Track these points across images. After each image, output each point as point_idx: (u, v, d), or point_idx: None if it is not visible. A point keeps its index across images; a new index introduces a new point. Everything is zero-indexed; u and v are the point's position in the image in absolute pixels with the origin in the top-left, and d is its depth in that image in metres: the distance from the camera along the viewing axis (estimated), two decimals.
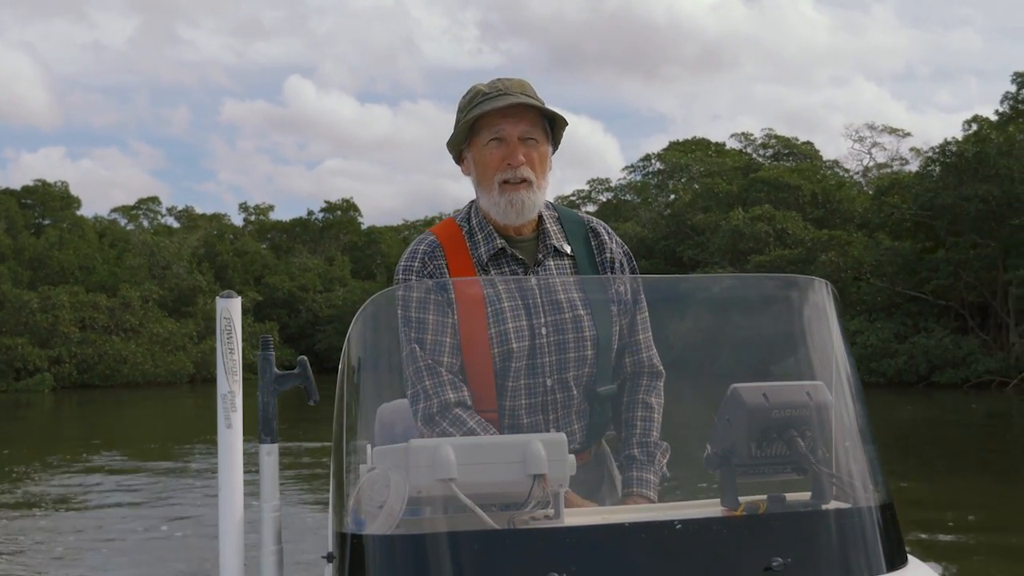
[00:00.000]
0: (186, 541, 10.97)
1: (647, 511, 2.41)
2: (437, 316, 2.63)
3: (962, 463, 16.84)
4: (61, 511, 13.28)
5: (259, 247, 70.56)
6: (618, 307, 2.75)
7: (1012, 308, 32.96)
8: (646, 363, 2.78)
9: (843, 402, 2.23)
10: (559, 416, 2.68)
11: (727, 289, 2.73)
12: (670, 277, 4.34)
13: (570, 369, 2.68)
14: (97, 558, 10.36)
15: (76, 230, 60.31)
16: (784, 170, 48.34)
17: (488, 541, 2.01)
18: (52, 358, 48.24)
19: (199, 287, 56.84)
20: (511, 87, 2.73)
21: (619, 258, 2.87)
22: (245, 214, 78.05)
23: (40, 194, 63.28)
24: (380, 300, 2.49)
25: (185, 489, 15.04)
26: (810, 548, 2.06)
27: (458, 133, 2.78)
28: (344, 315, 60.81)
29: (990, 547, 10.03)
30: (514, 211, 2.72)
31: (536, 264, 2.79)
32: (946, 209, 33.45)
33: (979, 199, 32.02)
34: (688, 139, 61.80)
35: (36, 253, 54.38)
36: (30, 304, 48.55)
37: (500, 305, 2.65)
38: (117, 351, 49.78)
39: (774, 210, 42.76)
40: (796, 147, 56.26)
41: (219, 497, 2.18)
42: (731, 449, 2.15)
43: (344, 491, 2.20)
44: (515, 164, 2.70)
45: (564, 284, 2.71)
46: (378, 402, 2.57)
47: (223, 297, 2.22)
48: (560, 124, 2.78)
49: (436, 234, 2.83)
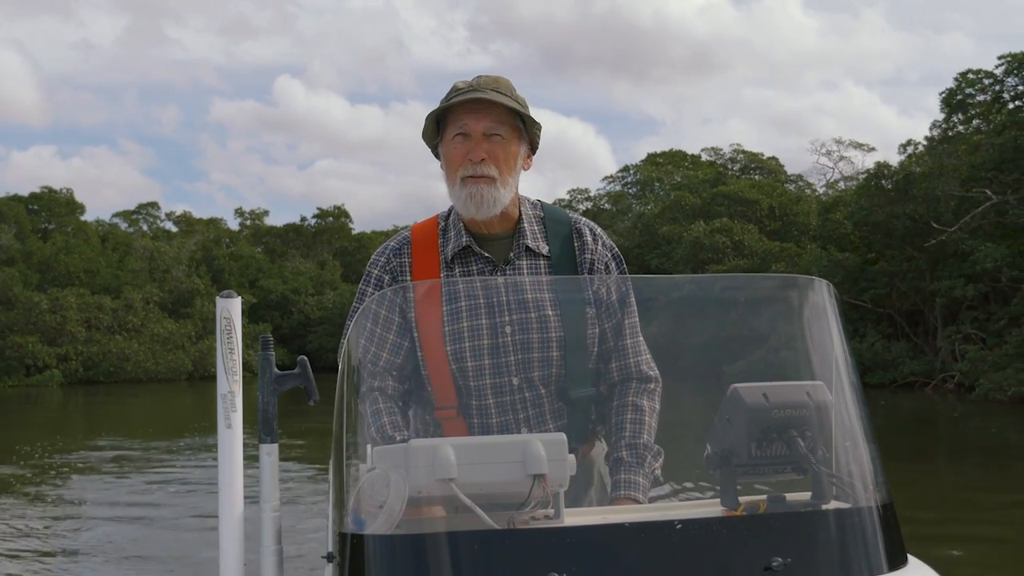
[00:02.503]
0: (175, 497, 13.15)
1: (647, 511, 2.26)
2: (386, 312, 2.50)
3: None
4: (69, 476, 15.23)
5: (254, 251, 70.41)
6: (598, 309, 2.56)
7: (939, 315, 33.46)
8: (634, 368, 2.57)
9: (843, 402, 2.08)
10: (530, 416, 2.51)
11: (727, 289, 2.56)
12: (669, 277, 4.17)
13: (535, 369, 2.50)
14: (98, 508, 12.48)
15: (80, 235, 60.21)
16: (744, 185, 48.50)
17: (488, 541, 1.87)
18: (60, 356, 48.79)
19: (197, 290, 57.38)
20: (483, 84, 2.57)
21: (603, 260, 2.68)
22: (241, 219, 77.66)
23: (46, 200, 62.85)
24: (379, 301, 2.37)
25: (174, 458, 17.44)
26: (810, 548, 1.92)
27: (426, 128, 2.63)
28: (334, 317, 60.88)
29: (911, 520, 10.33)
30: (473, 204, 2.55)
31: (506, 263, 2.62)
32: (879, 226, 34.00)
33: (907, 217, 32.55)
34: (666, 151, 61.76)
35: (44, 257, 54.55)
36: (40, 305, 49.07)
37: (457, 304, 2.50)
38: (120, 350, 50.35)
39: (732, 223, 42.95)
40: (761, 162, 56.50)
41: (219, 497, 2.03)
42: (731, 449, 2.00)
43: (344, 491, 2.05)
44: (475, 159, 2.54)
45: (534, 284, 2.54)
46: None
47: (223, 297, 2.06)
48: (530, 123, 2.61)
49: (413, 231, 2.70)
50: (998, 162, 27.70)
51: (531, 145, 2.66)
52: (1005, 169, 27.56)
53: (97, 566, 9.40)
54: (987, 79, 31.91)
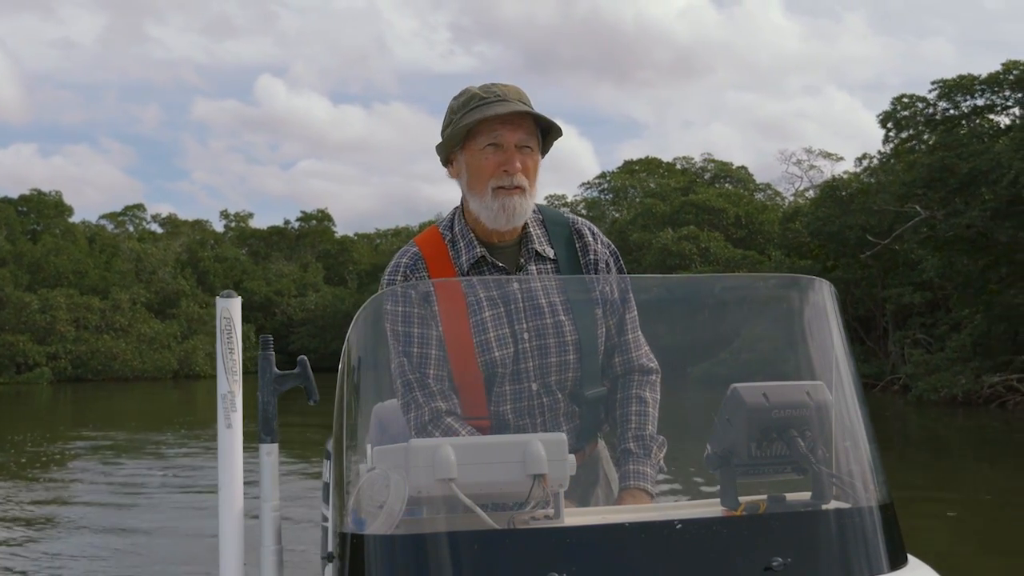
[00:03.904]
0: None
1: (647, 511, 2.18)
2: (422, 329, 2.38)
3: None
4: (59, 463, 15.97)
5: (239, 253, 70.10)
6: (604, 308, 2.49)
7: (890, 321, 33.88)
8: (636, 361, 2.51)
9: (843, 402, 2.01)
10: (546, 420, 2.42)
11: (727, 289, 2.48)
12: (668, 277, 4.10)
13: (552, 374, 2.42)
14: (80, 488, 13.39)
15: (68, 236, 59.73)
16: (712, 194, 48.64)
17: (488, 541, 1.80)
18: (50, 354, 48.87)
19: (183, 291, 57.43)
20: (508, 93, 2.48)
21: (604, 259, 2.62)
22: (226, 221, 77.00)
23: (35, 202, 62.13)
24: (379, 302, 2.28)
25: (157, 447, 18.21)
26: (810, 548, 1.85)
27: (454, 135, 2.50)
28: (316, 318, 60.79)
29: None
30: (505, 216, 2.47)
31: (518, 270, 2.54)
32: (833, 235, 34.39)
33: (859, 227, 32.93)
34: (642, 158, 61.53)
35: (34, 258, 54.38)
36: (30, 305, 49.12)
37: (482, 315, 2.41)
38: (108, 349, 50.44)
39: (699, 231, 43.14)
40: (731, 171, 56.66)
41: (219, 497, 1.94)
42: (731, 449, 1.92)
43: (344, 491, 1.96)
44: (512, 171, 2.45)
45: (545, 288, 2.46)
46: (376, 401, 2.33)
47: (223, 297, 1.98)
48: (555, 134, 2.53)
49: (419, 245, 2.58)
50: (928, 180, 28.45)
51: (543, 153, 2.58)
52: (934, 187, 28.34)
53: (84, 535, 9.94)
54: (920, 103, 32.61)
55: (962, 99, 31.39)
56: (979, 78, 30.51)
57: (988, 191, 26.80)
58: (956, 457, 17.21)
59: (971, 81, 30.70)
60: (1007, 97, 30.54)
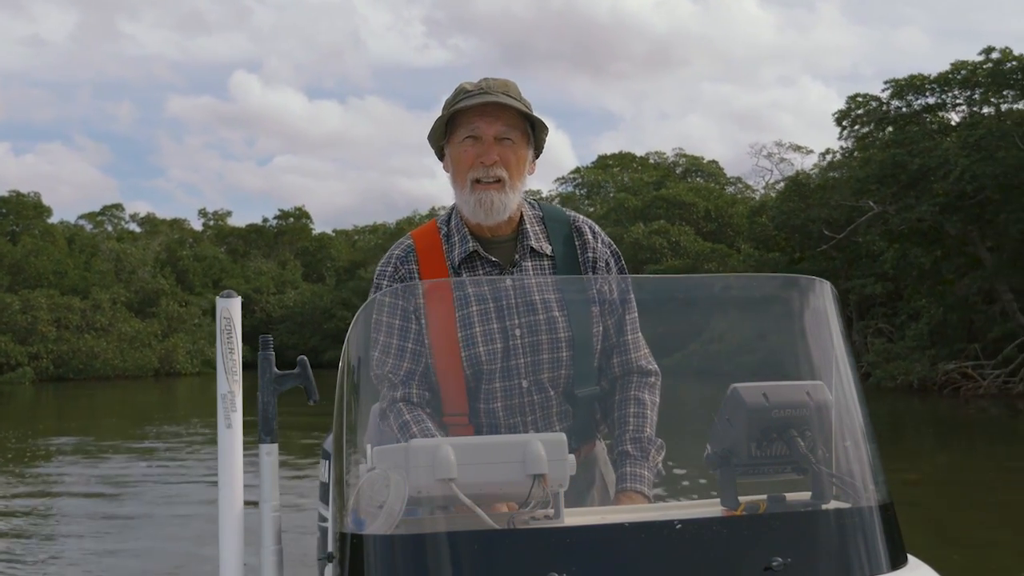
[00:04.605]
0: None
1: (647, 511, 2.14)
2: (401, 321, 2.33)
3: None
4: (44, 457, 16.19)
5: (217, 251, 69.45)
6: (601, 307, 2.42)
7: (854, 311, 34.22)
8: (635, 363, 2.45)
9: (843, 402, 1.97)
10: (538, 418, 2.37)
11: (727, 289, 2.43)
12: (668, 277, 4.06)
13: (545, 371, 2.36)
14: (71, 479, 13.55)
15: (48, 237, 59.02)
16: (683, 188, 48.67)
17: (488, 541, 1.76)
18: (31, 354, 48.39)
19: (162, 290, 57.00)
20: (493, 87, 2.42)
21: (604, 258, 2.54)
22: (204, 219, 76.39)
23: (14, 204, 61.31)
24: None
25: (139, 441, 18.57)
26: (810, 548, 1.82)
27: (435, 129, 2.47)
28: (295, 315, 60.49)
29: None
30: (483, 210, 2.41)
31: (512, 266, 2.47)
32: (798, 228, 34.63)
33: (822, 220, 33.21)
34: (615, 153, 61.63)
35: (15, 260, 53.78)
36: (12, 306, 48.63)
37: (468, 309, 2.35)
38: (89, 348, 49.94)
39: (669, 225, 43.21)
40: (702, 165, 56.74)
41: (219, 497, 1.90)
42: (731, 449, 1.89)
43: (344, 491, 1.92)
44: (487, 162, 2.39)
45: (540, 285, 2.39)
46: (376, 401, 2.28)
47: (223, 297, 1.93)
48: (539, 127, 2.47)
49: (414, 238, 2.53)
50: (880, 176, 28.83)
51: (536, 149, 2.52)
52: (886, 183, 28.74)
53: (71, 523, 10.13)
54: (873, 102, 32.94)
55: (914, 98, 31.72)
56: (929, 78, 30.90)
57: (938, 186, 27.25)
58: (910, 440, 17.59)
59: (922, 80, 31.06)
60: (956, 96, 30.91)
